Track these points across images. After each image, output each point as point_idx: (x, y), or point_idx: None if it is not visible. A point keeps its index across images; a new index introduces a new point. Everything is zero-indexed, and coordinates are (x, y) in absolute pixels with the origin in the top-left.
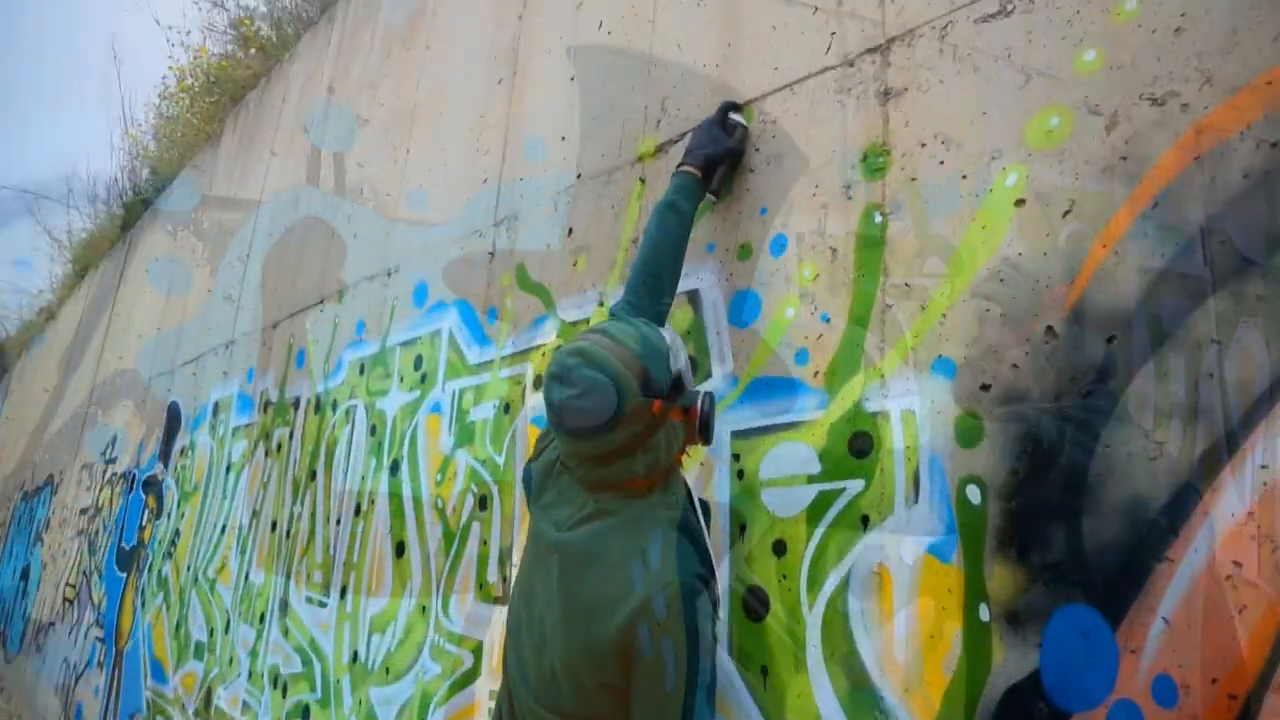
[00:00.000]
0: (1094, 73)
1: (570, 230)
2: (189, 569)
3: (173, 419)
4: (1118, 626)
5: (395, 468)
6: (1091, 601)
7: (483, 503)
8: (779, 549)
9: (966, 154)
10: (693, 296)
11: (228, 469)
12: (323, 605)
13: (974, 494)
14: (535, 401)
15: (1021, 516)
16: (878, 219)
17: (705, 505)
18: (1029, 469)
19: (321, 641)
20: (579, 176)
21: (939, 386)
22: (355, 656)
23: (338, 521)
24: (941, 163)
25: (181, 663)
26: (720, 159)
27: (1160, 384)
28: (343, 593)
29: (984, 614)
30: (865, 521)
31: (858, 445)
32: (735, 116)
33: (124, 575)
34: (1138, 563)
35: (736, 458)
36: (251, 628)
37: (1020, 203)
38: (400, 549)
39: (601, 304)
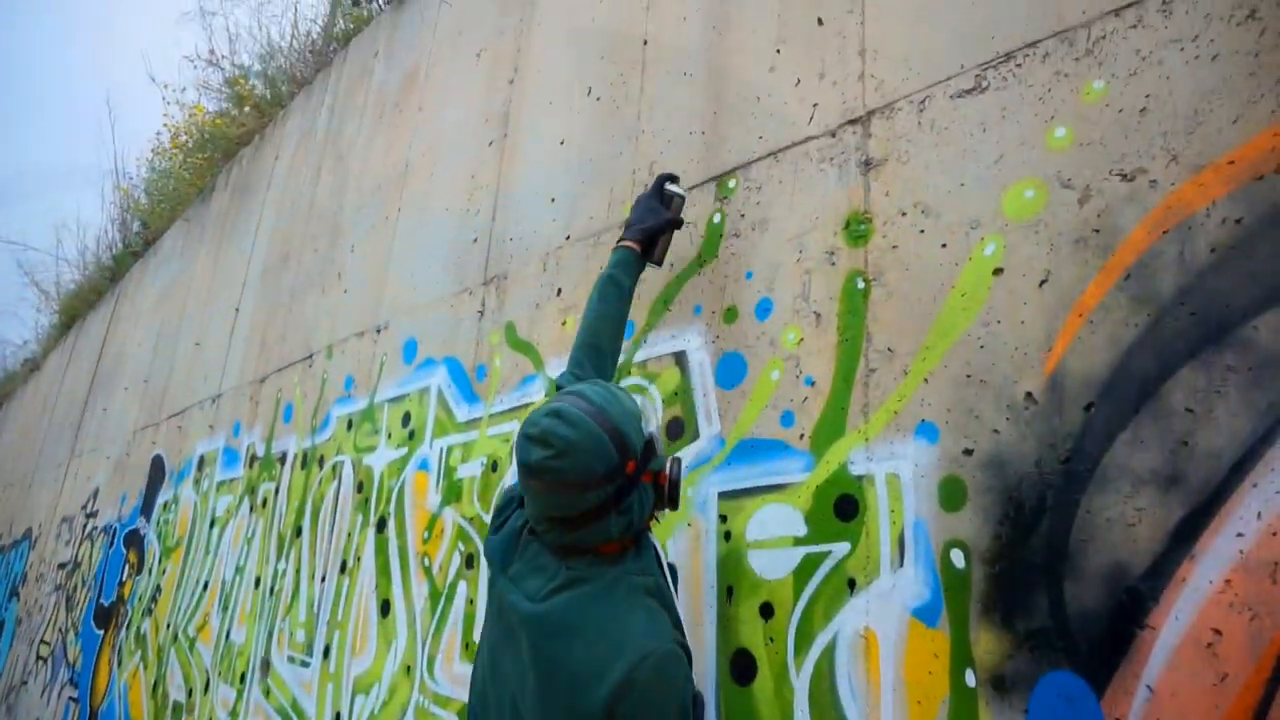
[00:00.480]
0: (1065, 148)
1: (559, 290)
2: (169, 626)
3: (156, 472)
4: (1103, 694)
5: (382, 525)
6: (1076, 668)
7: (469, 561)
8: (766, 611)
9: (946, 223)
10: (680, 358)
11: (211, 524)
12: (305, 665)
13: (958, 558)
14: None
15: (1005, 581)
16: (860, 285)
17: (674, 569)
18: (1011, 533)
19: (304, 702)
20: (568, 238)
21: (922, 450)
22: (338, 718)
23: (322, 579)
24: (922, 231)
25: None
26: (659, 231)
27: (1137, 451)
28: (326, 652)
29: (970, 680)
30: (851, 585)
31: (843, 508)
32: (671, 187)
33: (101, 632)
34: (1121, 630)
35: (724, 519)
36: (232, 688)
37: (999, 271)
38: (386, 608)
39: None
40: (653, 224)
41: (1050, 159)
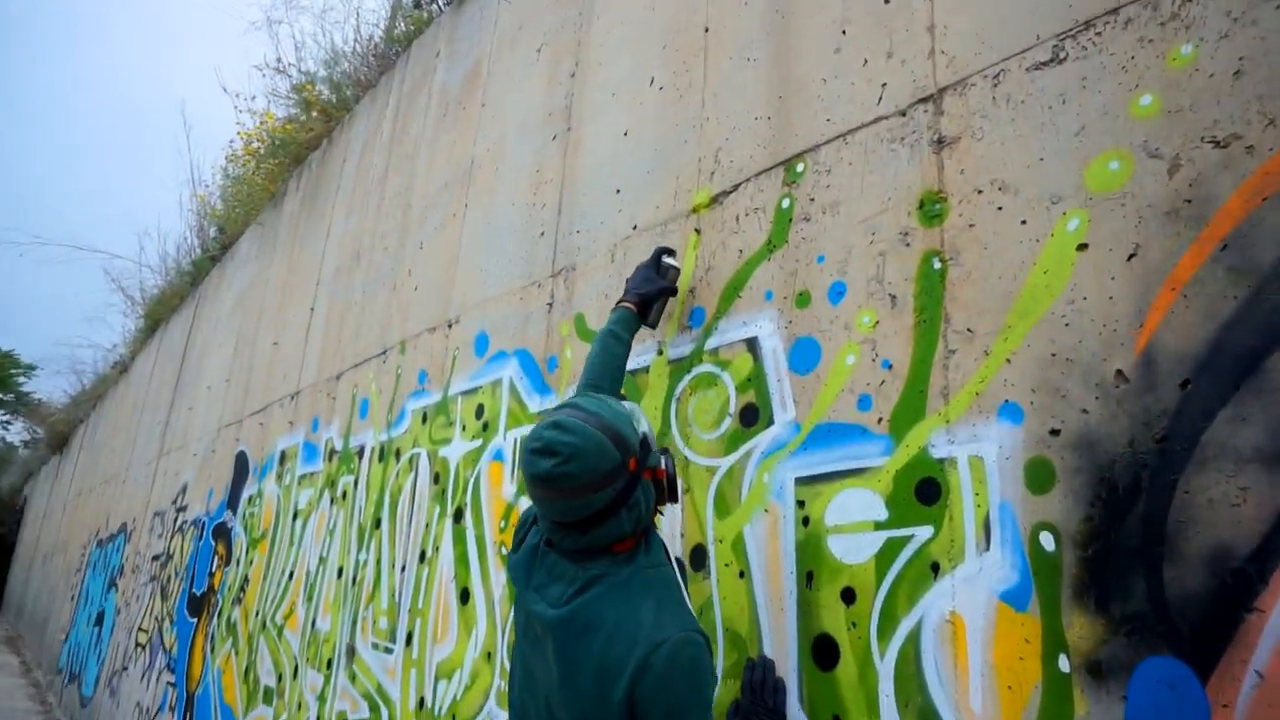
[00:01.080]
0: (1152, 117)
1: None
2: (257, 614)
3: (240, 468)
4: (1207, 680)
5: (459, 515)
6: (1178, 654)
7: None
8: (848, 596)
9: (1025, 200)
10: (752, 344)
11: (294, 516)
12: (389, 651)
13: (1048, 541)
14: None
15: (1099, 564)
16: (937, 265)
17: (681, 563)
18: (1105, 515)
19: (388, 687)
20: (635, 228)
21: (1006, 432)
22: (422, 703)
23: (402, 568)
24: (1000, 209)
25: (251, 707)
26: (654, 297)
27: (1240, 429)
28: (408, 639)
29: (1064, 665)
30: (936, 569)
31: (925, 491)
32: (668, 260)
33: (194, 621)
34: (1226, 613)
35: (801, 504)
36: (319, 673)
37: (1083, 247)
38: (465, 596)
39: (660, 353)
40: (649, 290)
41: (1136, 128)
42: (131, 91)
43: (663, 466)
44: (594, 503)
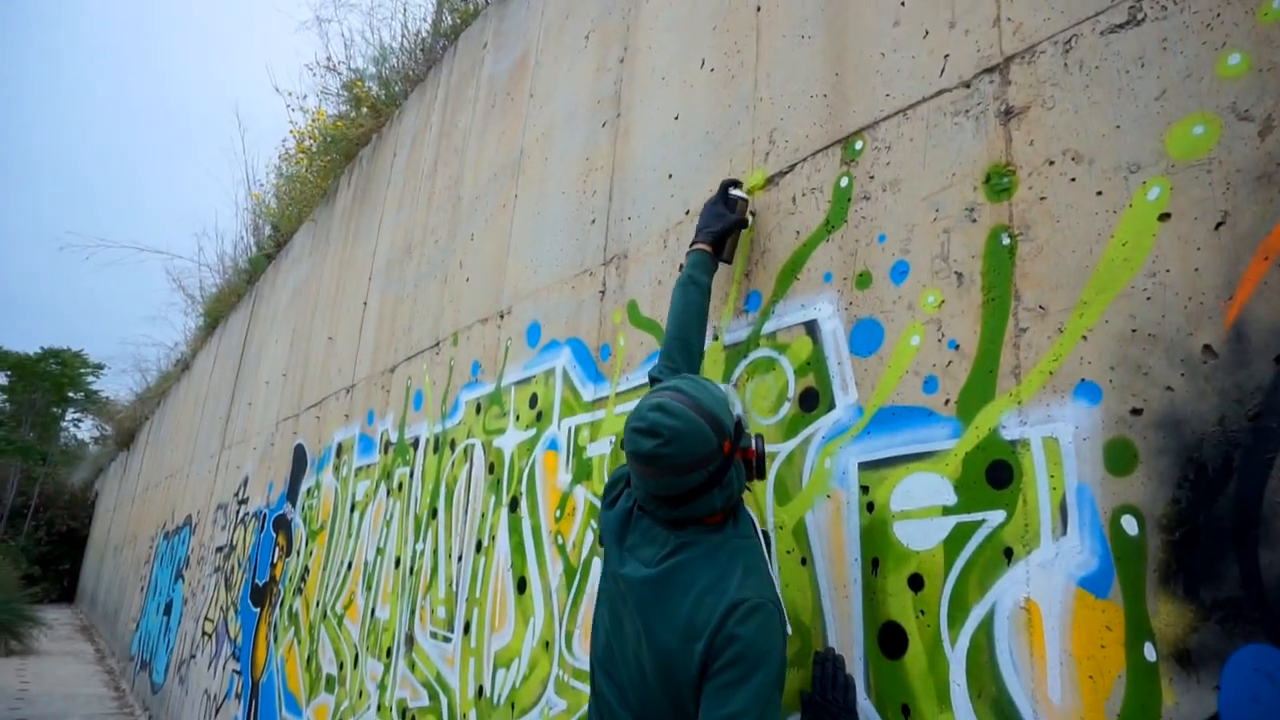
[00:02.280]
0: (1241, 76)
1: (681, 266)
2: (318, 604)
3: (299, 460)
4: None
5: (514, 505)
6: (1276, 641)
7: (603, 538)
8: (916, 583)
9: (1101, 169)
10: (811, 327)
11: (352, 508)
12: (447, 640)
13: (1130, 525)
14: None
15: (1187, 548)
16: (1005, 240)
17: (767, 536)
18: (1192, 498)
19: (447, 676)
20: (687, 213)
21: (1083, 411)
22: (481, 691)
23: (459, 558)
24: (1073, 180)
25: (314, 695)
26: (726, 233)
27: None
28: (466, 628)
29: (1150, 654)
30: (1009, 554)
31: (996, 475)
32: (735, 192)
33: (258, 610)
34: None
35: (865, 490)
36: (379, 661)
37: (1165, 217)
38: (522, 585)
39: (716, 338)
40: (720, 227)
41: (1223, 90)
42: (186, 94)
43: (753, 447)
44: (690, 481)
